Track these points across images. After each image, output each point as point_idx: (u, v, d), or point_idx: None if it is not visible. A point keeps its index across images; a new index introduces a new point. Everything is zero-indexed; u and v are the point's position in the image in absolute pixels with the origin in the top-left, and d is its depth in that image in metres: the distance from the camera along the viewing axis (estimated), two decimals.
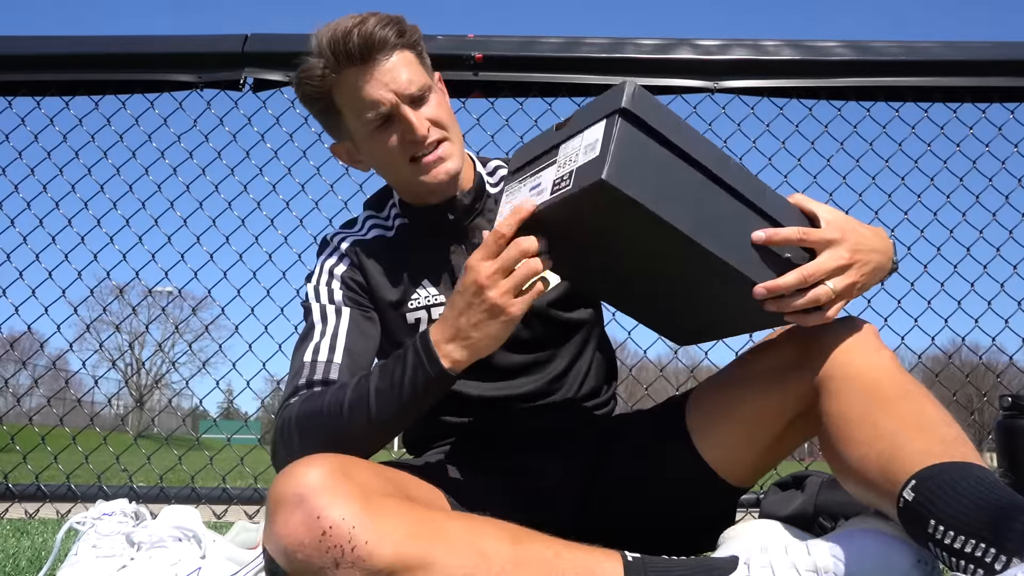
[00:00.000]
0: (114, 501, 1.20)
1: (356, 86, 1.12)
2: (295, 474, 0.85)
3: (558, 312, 1.23)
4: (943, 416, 0.87)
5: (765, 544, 0.88)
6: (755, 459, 1.10)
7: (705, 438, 1.10)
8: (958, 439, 0.83)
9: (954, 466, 0.77)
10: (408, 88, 1.13)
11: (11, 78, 2.76)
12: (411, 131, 1.12)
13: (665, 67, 2.66)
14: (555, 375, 1.23)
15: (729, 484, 1.11)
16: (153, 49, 2.73)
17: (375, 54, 1.10)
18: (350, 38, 1.08)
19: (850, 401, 0.92)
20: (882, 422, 0.87)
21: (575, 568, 0.85)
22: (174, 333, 4.77)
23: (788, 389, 1.02)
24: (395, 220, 1.29)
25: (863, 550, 0.85)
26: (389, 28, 1.11)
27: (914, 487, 0.77)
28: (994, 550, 0.68)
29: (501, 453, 1.21)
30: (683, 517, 1.15)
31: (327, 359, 1.12)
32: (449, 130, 1.18)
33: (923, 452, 0.80)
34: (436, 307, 1.20)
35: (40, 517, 2.54)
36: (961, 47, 2.68)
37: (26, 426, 2.88)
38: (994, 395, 2.64)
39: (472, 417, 1.23)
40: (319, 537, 0.81)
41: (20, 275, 2.75)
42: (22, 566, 1.52)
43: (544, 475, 1.18)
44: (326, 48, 1.11)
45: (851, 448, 0.88)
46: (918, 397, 0.90)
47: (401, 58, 1.13)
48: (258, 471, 2.77)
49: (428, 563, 0.82)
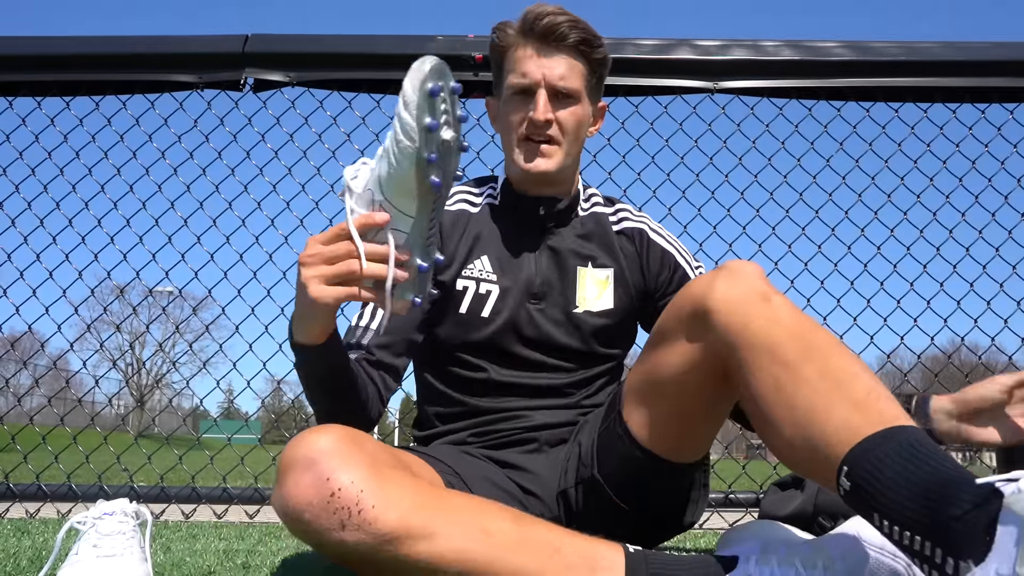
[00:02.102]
0: (115, 501, 1.20)
1: (522, 55, 1.26)
2: (307, 439, 0.87)
3: (596, 347, 1.30)
4: (849, 365, 0.84)
5: (765, 544, 0.88)
6: (687, 431, 1.08)
7: (635, 419, 1.08)
8: (872, 393, 0.80)
9: (880, 439, 0.75)
10: (556, 81, 1.25)
11: (11, 78, 2.76)
12: (534, 108, 1.24)
13: (665, 67, 2.66)
14: (571, 381, 1.25)
15: (670, 462, 1.09)
16: (153, 49, 2.74)
17: (551, 41, 1.24)
18: (541, 19, 1.24)
19: (759, 375, 0.88)
20: (795, 398, 0.84)
21: (577, 553, 0.85)
22: (174, 333, 4.77)
23: (695, 355, 0.99)
24: (485, 199, 1.37)
25: (863, 549, 0.85)
26: (575, 31, 1.25)
27: (848, 474, 0.76)
28: (940, 550, 0.66)
29: (499, 447, 1.22)
30: (642, 504, 1.14)
31: (365, 325, 1.22)
32: (567, 141, 1.28)
33: (845, 426, 0.78)
34: (484, 282, 1.26)
35: (41, 517, 2.54)
36: (961, 47, 2.69)
37: (27, 426, 2.88)
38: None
39: (483, 399, 1.25)
40: (327, 498, 0.83)
41: (21, 275, 2.75)
42: (23, 566, 1.52)
43: (538, 475, 1.19)
44: (523, 16, 1.25)
45: (775, 432, 0.86)
46: (821, 350, 0.86)
47: (570, 60, 1.26)
48: (258, 471, 2.77)
49: (431, 533, 0.83)
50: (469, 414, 1.25)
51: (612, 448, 1.11)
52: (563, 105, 1.26)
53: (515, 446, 1.22)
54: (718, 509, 2.56)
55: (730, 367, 0.93)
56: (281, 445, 6.02)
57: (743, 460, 3.24)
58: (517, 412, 1.23)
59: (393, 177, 0.91)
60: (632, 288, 1.32)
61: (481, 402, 1.25)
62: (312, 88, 2.75)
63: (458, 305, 1.25)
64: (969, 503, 0.66)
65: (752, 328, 0.90)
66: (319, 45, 2.73)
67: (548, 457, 1.21)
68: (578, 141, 1.30)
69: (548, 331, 1.25)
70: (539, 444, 1.22)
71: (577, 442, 1.20)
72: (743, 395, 0.92)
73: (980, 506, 0.65)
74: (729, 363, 0.93)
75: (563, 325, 1.26)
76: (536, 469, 1.19)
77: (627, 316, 1.32)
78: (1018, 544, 0.61)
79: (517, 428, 1.22)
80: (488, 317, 1.24)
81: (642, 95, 2.72)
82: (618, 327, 1.30)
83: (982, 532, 0.64)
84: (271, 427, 16.44)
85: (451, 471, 1.11)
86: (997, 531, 0.63)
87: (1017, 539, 0.61)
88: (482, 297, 1.25)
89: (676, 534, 1.23)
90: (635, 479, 1.11)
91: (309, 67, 2.71)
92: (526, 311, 1.25)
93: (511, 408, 1.23)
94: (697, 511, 1.21)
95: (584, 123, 1.30)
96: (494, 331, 1.24)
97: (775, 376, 0.87)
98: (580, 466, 1.16)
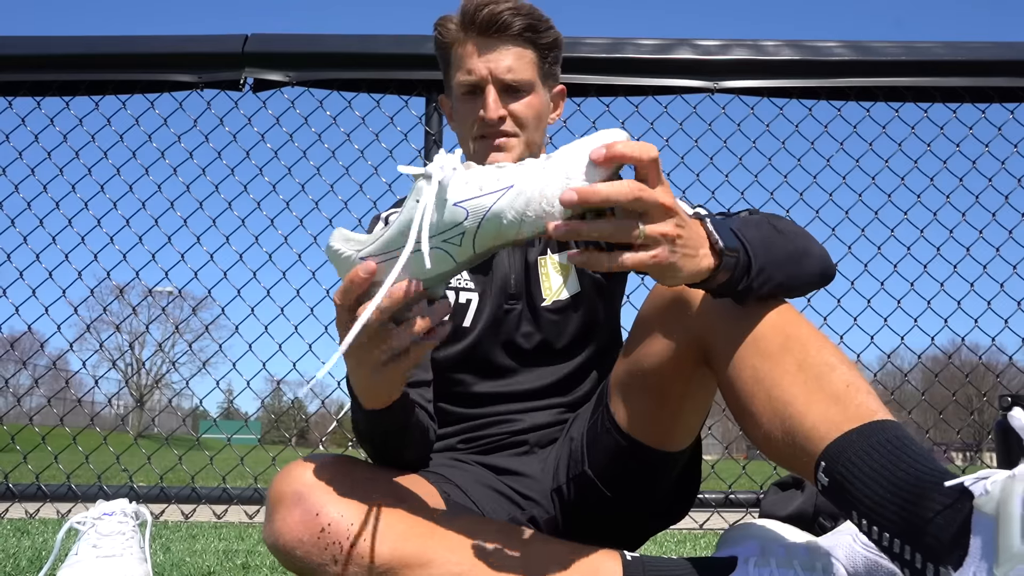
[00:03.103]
0: (114, 501, 1.20)
1: (466, 51, 1.19)
2: (294, 472, 0.86)
3: (576, 336, 1.24)
4: (828, 358, 0.83)
5: (764, 545, 0.88)
6: (672, 419, 1.05)
7: (621, 410, 1.07)
8: (851, 387, 0.79)
9: (857, 435, 0.74)
10: (503, 74, 1.18)
11: (11, 78, 2.77)
12: (483, 108, 1.18)
13: (665, 67, 2.66)
14: (556, 380, 1.24)
15: (658, 451, 1.07)
16: (153, 49, 2.74)
17: (494, 33, 1.17)
18: (480, 10, 1.16)
19: (739, 365, 0.87)
20: (774, 390, 0.83)
21: (574, 566, 0.85)
22: (174, 333, 4.74)
23: (677, 343, 0.96)
24: None
25: (861, 551, 0.85)
26: (519, 19, 1.17)
27: (825, 469, 0.75)
28: (919, 555, 0.65)
29: (490, 451, 1.21)
30: (633, 495, 1.13)
31: None
32: (526, 133, 1.21)
33: (823, 421, 0.77)
34: (463, 291, 1.22)
35: (40, 517, 2.54)
36: (961, 47, 2.69)
37: (26, 426, 2.88)
38: (994, 395, 2.64)
39: (470, 409, 1.23)
40: (318, 534, 0.82)
41: (20, 275, 2.75)
42: (22, 566, 1.52)
43: (531, 477, 1.19)
44: (463, 8, 1.18)
45: (754, 423, 0.85)
46: (800, 341, 0.85)
47: (517, 50, 1.19)
48: (258, 471, 2.77)
49: (426, 560, 0.83)
50: (457, 420, 1.24)
51: (600, 441, 1.10)
52: (516, 98, 1.19)
53: (506, 450, 1.21)
54: (718, 509, 2.56)
55: (709, 353, 0.92)
56: (281, 445, 6.01)
57: (743, 460, 3.24)
58: (505, 416, 1.22)
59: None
60: None
61: (469, 409, 1.23)
62: (312, 88, 2.75)
63: None
64: (940, 504, 0.65)
65: (732, 312, 0.89)
66: (319, 45, 2.73)
67: (540, 457, 1.21)
68: (539, 130, 1.24)
69: (527, 331, 1.23)
70: (530, 446, 1.21)
71: (569, 437, 1.19)
72: (722, 384, 0.91)
73: (951, 508, 0.64)
74: (708, 350, 0.92)
75: (539, 321, 1.23)
76: (529, 471, 1.18)
77: (598, 294, 1.28)
78: (992, 546, 0.60)
79: (506, 432, 1.21)
80: (469, 327, 1.22)
81: (642, 95, 2.72)
82: (592, 309, 1.26)
83: (957, 535, 0.63)
84: (271, 427, 16.45)
85: (446, 480, 1.10)
86: (971, 534, 0.62)
87: (991, 541, 0.61)
88: (462, 307, 1.21)
89: (670, 524, 1.22)
90: (624, 470, 1.10)
91: (309, 67, 2.71)
92: (505, 313, 1.23)
93: (499, 413, 1.22)
94: (689, 501, 1.20)
95: (543, 112, 1.24)
96: (476, 340, 1.21)
97: (754, 366, 0.85)
98: (571, 462, 1.15)
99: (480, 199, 0.73)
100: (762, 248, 0.83)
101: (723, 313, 0.89)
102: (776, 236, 0.89)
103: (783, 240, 0.89)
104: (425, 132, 2.70)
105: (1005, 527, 0.60)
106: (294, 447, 4.10)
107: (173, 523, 2.52)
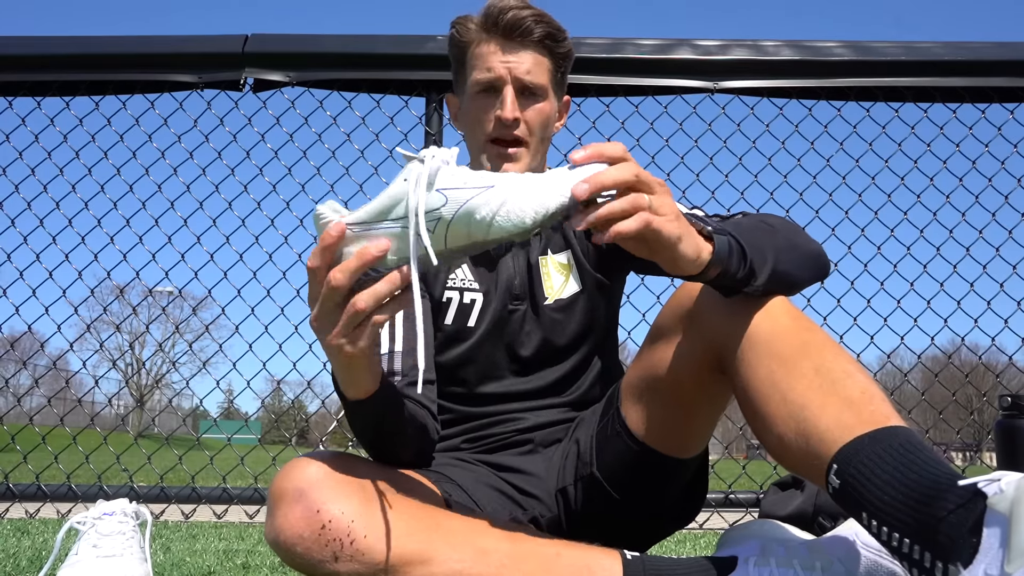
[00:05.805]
0: (114, 501, 1.20)
1: (486, 51, 1.22)
2: (295, 469, 0.86)
3: (577, 335, 1.26)
4: (844, 365, 0.84)
5: (764, 545, 0.88)
6: (685, 426, 1.06)
7: (633, 415, 1.07)
8: (865, 393, 0.80)
9: (870, 439, 0.75)
10: (523, 75, 1.21)
11: (11, 78, 2.77)
12: (502, 106, 1.20)
13: (665, 67, 2.67)
14: (559, 378, 1.24)
15: (669, 457, 1.08)
16: (153, 49, 2.74)
17: (515, 36, 1.20)
18: (505, 13, 1.19)
19: (755, 368, 0.88)
20: (789, 393, 0.84)
21: (574, 565, 0.85)
22: (174, 333, 4.75)
23: (693, 349, 0.98)
24: None
25: (861, 551, 0.85)
26: (540, 25, 1.21)
27: (837, 472, 0.75)
28: (928, 554, 0.66)
29: (493, 450, 1.21)
30: (641, 500, 1.13)
31: (389, 350, 1.14)
32: (534, 141, 1.24)
33: (837, 424, 0.78)
34: (468, 291, 1.23)
35: (40, 517, 2.54)
36: (961, 47, 2.69)
37: (26, 426, 2.88)
38: (994, 395, 2.64)
39: (473, 408, 1.24)
40: (319, 531, 0.82)
41: (20, 275, 2.75)
42: (22, 566, 1.52)
43: (535, 475, 1.19)
44: (485, 10, 1.21)
45: (767, 426, 0.86)
46: (817, 347, 0.86)
47: (536, 55, 1.22)
48: (258, 471, 2.77)
49: (427, 558, 0.83)
50: (461, 420, 1.24)
51: (610, 445, 1.11)
52: (530, 103, 1.23)
53: (509, 448, 1.21)
54: (718, 509, 2.57)
55: (725, 359, 0.93)
56: (281, 445, 6.02)
57: (743, 460, 3.25)
58: (509, 415, 1.22)
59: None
60: (592, 261, 1.30)
61: (472, 408, 1.24)
62: (312, 88, 2.75)
63: (445, 318, 1.23)
64: (953, 504, 0.66)
65: (750, 322, 0.90)
66: (319, 45, 2.74)
67: (544, 456, 1.21)
68: (545, 140, 1.27)
69: (531, 330, 1.24)
70: (534, 445, 1.21)
71: (575, 439, 1.19)
72: (737, 388, 0.92)
73: (964, 507, 0.65)
74: (724, 356, 0.93)
75: (542, 321, 1.24)
76: (532, 470, 1.19)
77: (598, 292, 1.28)
78: (1004, 544, 0.61)
79: (510, 431, 1.22)
80: (474, 327, 1.22)
81: (642, 95, 2.73)
82: (593, 308, 1.27)
83: (968, 534, 0.64)
84: (271, 427, 16.43)
85: (447, 479, 1.10)
86: (983, 532, 0.63)
87: (1002, 539, 0.61)
88: (467, 307, 1.23)
89: (675, 530, 1.23)
90: (633, 475, 1.10)
91: (309, 67, 2.71)
92: (509, 313, 1.24)
93: (503, 412, 1.23)
94: (696, 507, 1.21)
95: (551, 120, 1.27)
96: (480, 340, 1.22)
97: (771, 369, 0.86)
98: (579, 463, 1.16)
99: (461, 191, 0.76)
100: (750, 235, 0.86)
101: (740, 318, 0.91)
102: (766, 228, 0.92)
103: (772, 232, 0.92)
104: (425, 132, 2.70)
105: (1018, 525, 0.60)
106: (294, 447, 4.10)
107: (173, 523, 2.53)
